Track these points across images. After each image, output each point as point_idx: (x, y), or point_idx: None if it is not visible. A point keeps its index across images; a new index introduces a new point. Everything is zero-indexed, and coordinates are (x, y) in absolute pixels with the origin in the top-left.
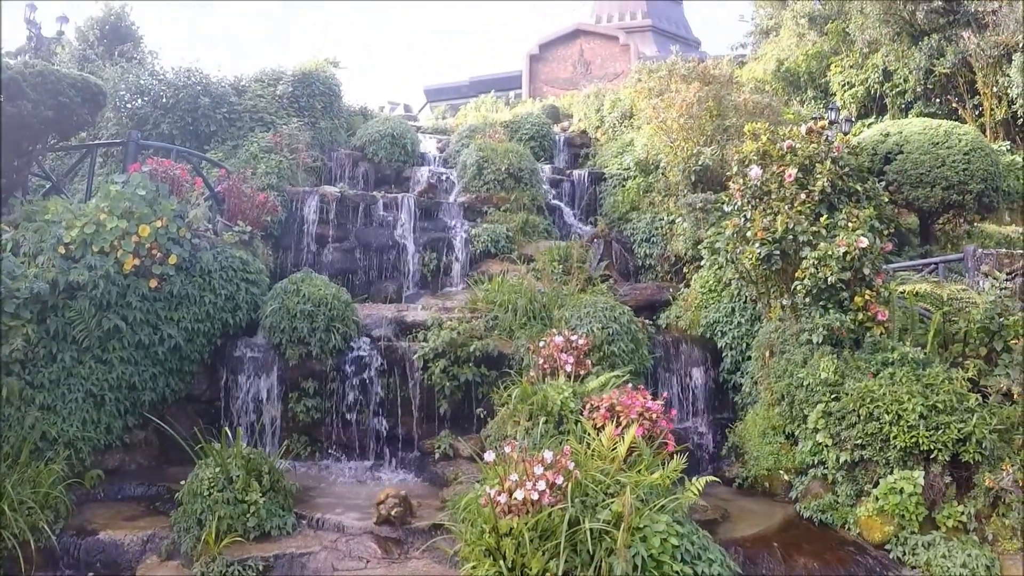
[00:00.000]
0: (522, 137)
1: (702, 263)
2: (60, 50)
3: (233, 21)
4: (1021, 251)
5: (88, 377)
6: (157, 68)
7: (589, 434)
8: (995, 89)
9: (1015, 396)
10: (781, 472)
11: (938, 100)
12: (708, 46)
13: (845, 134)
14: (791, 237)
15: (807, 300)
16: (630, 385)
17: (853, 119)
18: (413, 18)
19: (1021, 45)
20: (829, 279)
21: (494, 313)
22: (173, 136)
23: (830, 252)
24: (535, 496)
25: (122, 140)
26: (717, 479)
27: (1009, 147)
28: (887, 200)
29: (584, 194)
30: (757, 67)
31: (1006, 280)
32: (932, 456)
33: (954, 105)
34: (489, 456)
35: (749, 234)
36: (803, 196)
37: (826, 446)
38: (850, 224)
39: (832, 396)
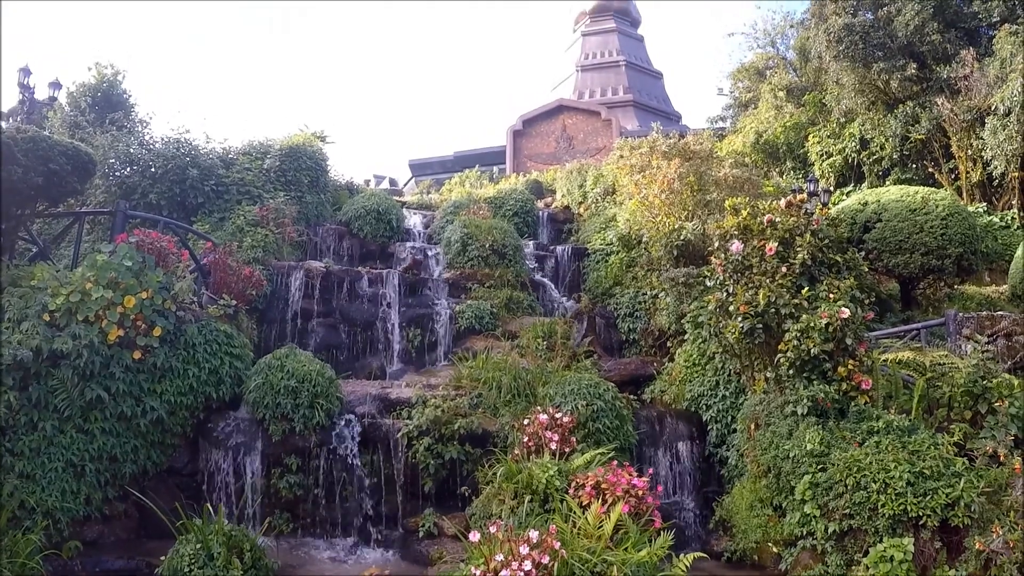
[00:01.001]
0: (506, 213)
1: (686, 337)
2: (52, 115)
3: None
4: (1002, 312)
5: (69, 447)
6: (147, 138)
7: (575, 512)
8: (969, 152)
9: (1001, 458)
10: (770, 544)
11: (914, 165)
12: (688, 118)
13: (824, 205)
14: (773, 310)
15: (791, 372)
16: (615, 462)
17: (832, 188)
18: (400, 90)
19: (993, 108)
20: (812, 351)
21: (478, 390)
22: (160, 206)
23: (812, 324)
24: None
25: (110, 209)
26: (705, 555)
27: (986, 208)
28: (867, 268)
29: (567, 269)
30: (737, 140)
31: (988, 343)
32: (921, 522)
33: (930, 170)
34: (474, 535)
35: (732, 308)
36: (784, 269)
37: (814, 517)
38: (831, 295)
39: (819, 467)
